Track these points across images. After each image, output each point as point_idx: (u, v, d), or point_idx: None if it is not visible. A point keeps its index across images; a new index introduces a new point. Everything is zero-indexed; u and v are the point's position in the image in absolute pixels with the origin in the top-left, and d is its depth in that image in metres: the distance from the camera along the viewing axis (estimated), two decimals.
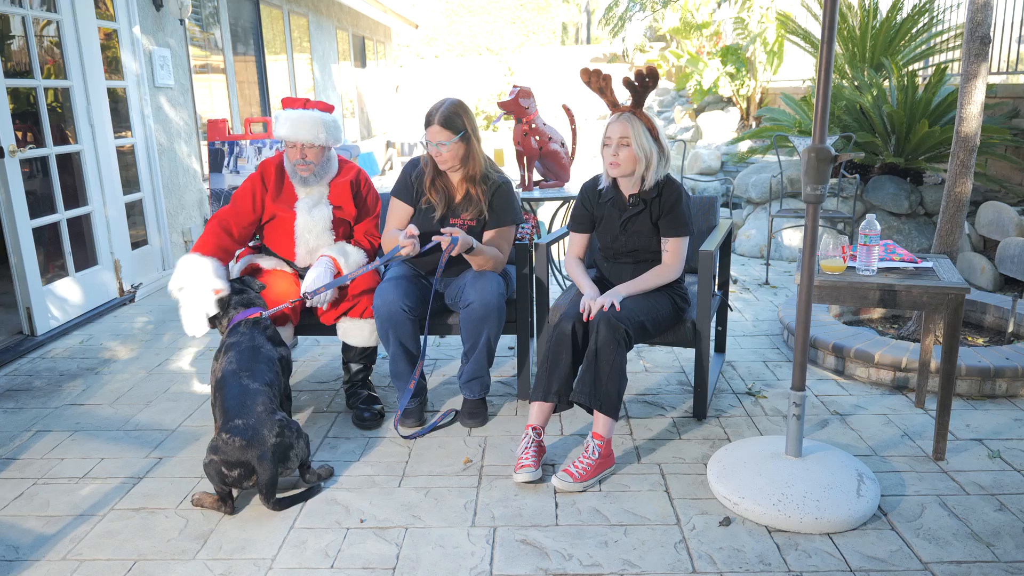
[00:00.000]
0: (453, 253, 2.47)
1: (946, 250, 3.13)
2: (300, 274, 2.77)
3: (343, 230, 2.78)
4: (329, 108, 2.71)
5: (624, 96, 2.49)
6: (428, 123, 2.58)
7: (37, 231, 3.79)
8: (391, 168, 11.36)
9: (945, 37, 5.81)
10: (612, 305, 2.35)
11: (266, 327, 2.42)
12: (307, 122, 2.61)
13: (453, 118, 2.56)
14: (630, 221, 2.52)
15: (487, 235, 2.68)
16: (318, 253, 2.70)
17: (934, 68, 5.13)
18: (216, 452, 2.10)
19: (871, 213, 2.55)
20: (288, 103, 2.69)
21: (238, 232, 2.68)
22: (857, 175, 4.97)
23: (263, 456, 2.08)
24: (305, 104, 2.68)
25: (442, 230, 2.49)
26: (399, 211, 2.75)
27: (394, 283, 2.60)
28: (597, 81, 2.48)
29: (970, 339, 3.35)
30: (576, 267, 2.62)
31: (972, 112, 3.02)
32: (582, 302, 2.42)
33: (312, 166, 2.65)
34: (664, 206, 2.48)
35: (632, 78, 2.41)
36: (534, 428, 2.35)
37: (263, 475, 2.09)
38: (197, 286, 2.49)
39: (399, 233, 2.62)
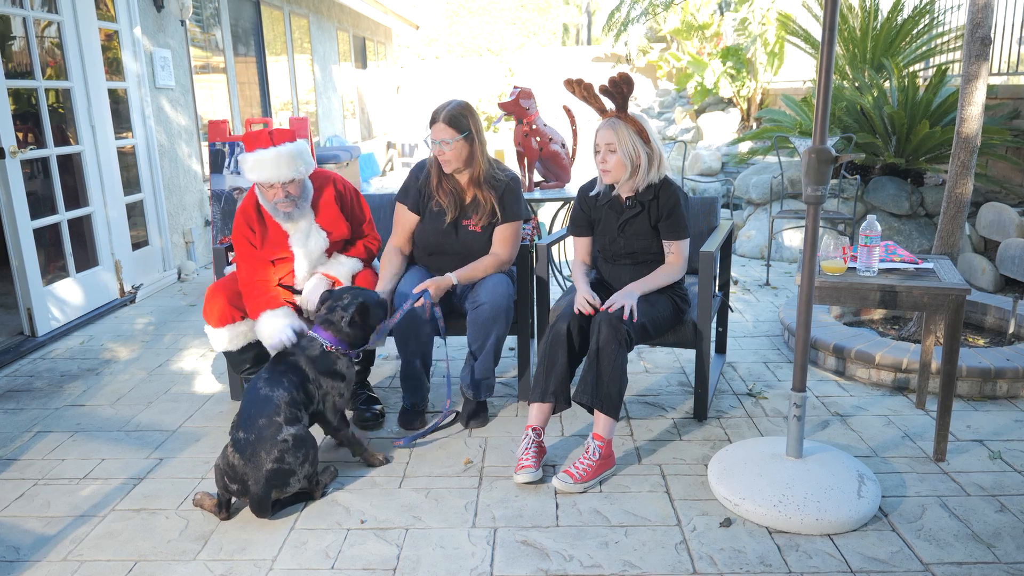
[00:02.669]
0: (434, 301, 2.50)
1: (947, 251, 3.13)
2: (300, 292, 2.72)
3: (339, 248, 2.72)
4: (291, 135, 2.56)
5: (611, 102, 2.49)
6: (433, 121, 2.58)
7: (38, 232, 3.80)
8: (391, 169, 11.36)
9: (946, 38, 5.81)
10: (623, 308, 2.34)
11: (320, 352, 2.27)
12: (286, 159, 2.47)
13: (458, 117, 2.56)
14: (628, 223, 2.52)
15: (497, 232, 2.68)
16: (315, 274, 2.66)
17: (935, 69, 5.13)
18: (223, 459, 2.10)
19: (872, 214, 2.55)
20: (252, 141, 2.50)
21: (267, 266, 2.64)
22: (858, 176, 4.96)
23: (257, 480, 2.06)
24: (271, 137, 2.50)
25: (413, 291, 2.49)
26: (404, 218, 2.74)
27: (411, 288, 2.58)
28: (580, 90, 2.49)
29: (971, 340, 3.35)
30: (577, 270, 2.63)
31: (973, 113, 3.02)
32: (576, 301, 2.42)
33: (295, 200, 2.55)
34: (663, 209, 2.48)
35: (608, 86, 2.42)
36: (534, 429, 2.35)
37: (254, 497, 2.07)
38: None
39: (398, 253, 2.68)
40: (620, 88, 2.39)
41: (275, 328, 2.40)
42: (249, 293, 2.56)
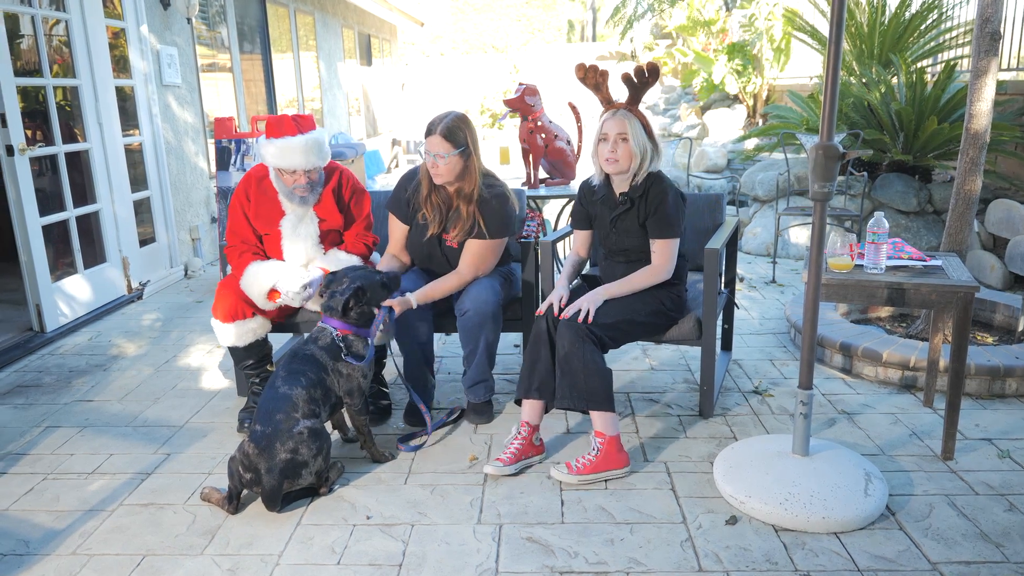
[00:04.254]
0: (399, 312, 2.45)
1: (955, 248, 3.11)
2: None
3: (332, 238, 2.72)
4: (312, 121, 2.60)
5: (618, 93, 2.47)
6: (429, 133, 2.52)
7: (46, 229, 3.82)
8: (396, 166, 11.37)
9: (954, 33, 5.77)
10: (582, 312, 2.30)
11: (333, 341, 2.28)
12: (313, 147, 2.51)
13: (455, 130, 2.50)
14: (619, 219, 2.48)
15: (465, 246, 2.60)
16: (312, 264, 2.67)
17: (943, 65, 5.10)
18: (240, 450, 2.12)
19: (879, 211, 2.53)
20: (276, 127, 2.51)
21: (254, 240, 2.69)
22: (865, 173, 4.94)
23: (270, 469, 2.08)
24: (296, 123, 2.52)
25: (382, 304, 2.42)
26: (395, 229, 2.73)
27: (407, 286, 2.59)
28: (593, 77, 2.45)
29: (979, 338, 3.33)
30: (567, 265, 2.62)
31: (982, 109, 2.99)
32: (549, 298, 2.42)
33: (313, 185, 2.60)
34: (650, 206, 2.41)
35: (632, 74, 2.39)
36: (523, 425, 2.36)
37: (266, 486, 2.09)
38: (285, 283, 2.55)
39: (394, 260, 2.71)
40: (644, 78, 2.36)
41: (296, 277, 2.53)
42: (233, 250, 2.66)
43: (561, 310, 2.38)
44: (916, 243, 4.91)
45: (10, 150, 3.55)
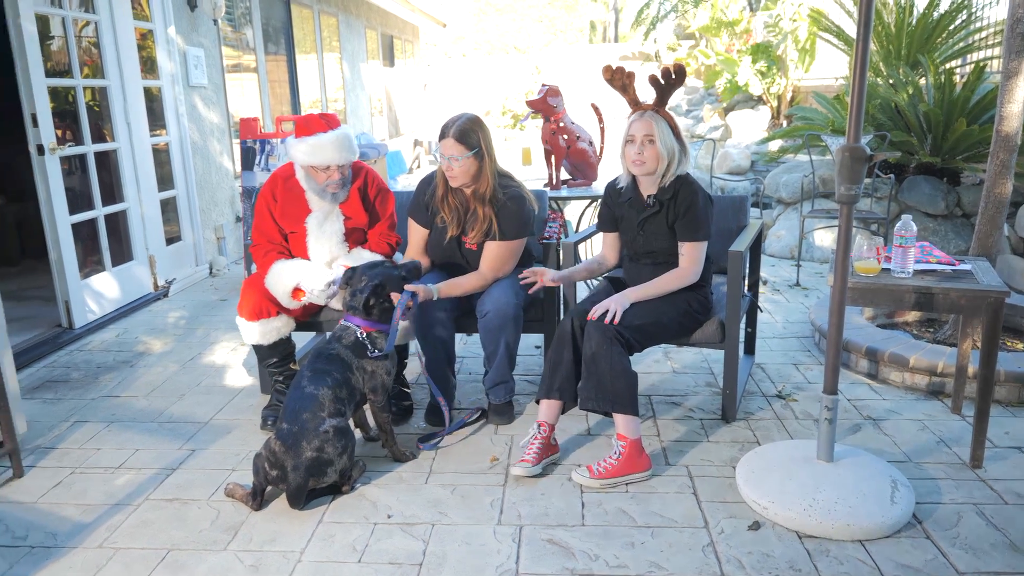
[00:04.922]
0: (421, 299, 2.44)
1: (985, 252, 3.05)
2: None
3: (357, 237, 2.75)
4: (336, 117, 2.63)
5: (645, 95, 2.46)
6: (442, 136, 2.53)
7: (76, 227, 3.89)
8: (418, 167, 11.42)
9: (984, 34, 5.66)
10: (609, 313, 2.30)
11: (357, 339, 2.30)
12: (345, 142, 2.54)
13: (468, 133, 2.51)
14: (647, 222, 2.47)
15: (484, 248, 2.62)
16: (336, 262, 2.69)
17: (972, 65, 5.00)
18: (266, 447, 2.15)
19: (906, 214, 2.49)
20: (306, 126, 2.52)
21: (279, 239, 2.72)
22: (892, 175, 4.87)
23: (296, 467, 2.10)
24: (324, 121, 2.54)
25: (405, 288, 2.40)
26: (415, 234, 2.74)
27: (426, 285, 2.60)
28: (621, 78, 2.45)
29: (1009, 344, 3.26)
30: (586, 261, 2.63)
31: (1013, 111, 2.93)
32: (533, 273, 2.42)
33: (345, 181, 2.63)
34: (679, 208, 2.41)
35: (659, 76, 2.39)
36: (541, 425, 2.36)
37: (292, 484, 2.11)
38: (309, 283, 2.58)
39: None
40: (670, 79, 2.36)
41: (320, 275, 2.56)
42: (259, 250, 2.69)
43: (572, 307, 2.39)
44: (944, 247, 4.82)
45: (41, 149, 3.63)
